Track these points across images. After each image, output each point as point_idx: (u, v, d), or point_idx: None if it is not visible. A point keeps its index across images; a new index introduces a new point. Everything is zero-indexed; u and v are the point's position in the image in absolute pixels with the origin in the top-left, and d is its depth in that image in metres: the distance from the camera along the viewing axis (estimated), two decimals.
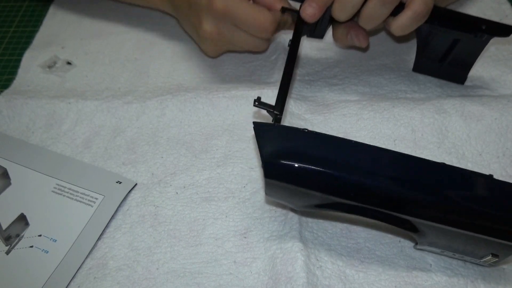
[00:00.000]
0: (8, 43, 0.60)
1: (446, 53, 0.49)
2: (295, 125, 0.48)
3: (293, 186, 0.35)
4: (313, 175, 0.34)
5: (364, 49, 0.54)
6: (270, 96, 0.51)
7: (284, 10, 0.47)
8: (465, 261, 0.39)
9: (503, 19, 0.58)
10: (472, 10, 0.59)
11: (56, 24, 0.62)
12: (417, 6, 0.41)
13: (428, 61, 0.51)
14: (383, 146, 0.46)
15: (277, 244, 0.40)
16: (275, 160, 0.34)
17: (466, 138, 0.46)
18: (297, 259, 0.38)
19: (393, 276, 0.38)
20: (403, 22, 0.43)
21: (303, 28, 0.45)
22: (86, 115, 0.50)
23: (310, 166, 0.34)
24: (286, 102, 0.49)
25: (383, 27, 0.48)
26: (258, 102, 0.36)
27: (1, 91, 0.53)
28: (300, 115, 0.49)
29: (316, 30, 0.49)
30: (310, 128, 0.48)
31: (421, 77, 0.53)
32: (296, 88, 0.52)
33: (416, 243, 0.39)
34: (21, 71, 0.56)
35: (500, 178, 0.43)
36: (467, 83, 0.51)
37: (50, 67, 0.56)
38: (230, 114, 0.50)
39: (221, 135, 0.48)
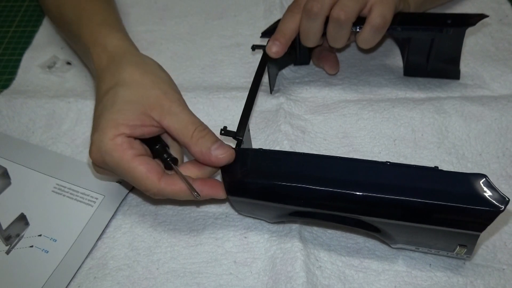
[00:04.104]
0: (8, 43, 0.60)
1: (428, 53, 0.50)
2: (295, 126, 0.48)
3: (252, 200, 0.38)
4: (266, 187, 0.37)
5: (333, 74, 0.54)
6: (269, 98, 0.51)
7: (254, 47, 0.50)
8: (441, 255, 0.39)
9: (503, 19, 0.58)
10: (472, 10, 0.59)
11: None
12: (374, 20, 0.44)
13: (415, 64, 0.51)
14: (383, 146, 0.46)
15: (277, 244, 0.40)
16: (233, 179, 0.38)
17: (466, 138, 0.46)
18: (297, 259, 0.38)
19: (392, 276, 0.38)
20: (365, 36, 0.45)
21: (273, 62, 0.48)
22: (86, 114, 0.50)
23: (262, 180, 0.37)
24: (286, 103, 0.50)
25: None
26: (224, 131, 0.40)
27: (1, 91, 0.53)
28: (300, 115, 0.49)
29: (298, 59, 0.54)
30: (310, 128, 0.48)
31: (420, 77, 0.53)
32: (296, 89, 0.52)
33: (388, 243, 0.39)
34: (21, 71, 0.56)
35: (500, 178, 0.44)
36: (468, 82, 0.51)
37: (49, 67, 0.56)
38: (230, 115, 0.50)
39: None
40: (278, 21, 0.48)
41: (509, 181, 0.44)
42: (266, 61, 0.47)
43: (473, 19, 0.46)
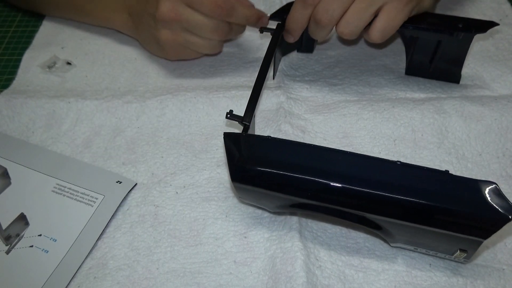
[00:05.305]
0: (8, 43, 0.60)
1: (433, 55, 0.50)
2: (295, 125, 0.48)
3: (256, 188, 0.37)
4: (272, 177, 0.36)
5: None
6: (269, 97, 0.51)
7: (262, 30, 0.50)
8: (439, 257, 0.39)
9: (503, 19, 0.58)
10: (472, 10, 0.59)
11: (55, 24, 0.62)
12: (372, 34, 0.44)
13: (418, 64, 0.51)
14: (383, 146, 0.46)
15: (277, 244, 0.40)
16: (239, 165, 0.37)
17: (466, 138, 0.46)
18: (297, 259, 0.38)
19: (392, 276, 0.38)
20: (369, 41, 0.46)
21: (278, 46, 0.48)
22: (86, 115, 0.50)
23: (268, 169, 0.36)
24: (286, 102, 0.50)
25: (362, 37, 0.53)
26: (230, 115, 0.40)
27: (1, 91, 0.53)
28: (300, 115, 0.49)
29: (303, 46, 0.54)
30: (310, 128, 0.48)
31: (421, 77, 0.53)
32: (296, 88, 0.52)
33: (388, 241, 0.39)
34: (21, 71, 0.56)
35: (500, 179, 0.44)
36: (468, 82, 0.51)
37: (50, 67, 0.56)
38: None
39: (221, 135, 0.48)
40: (289, 4, 0.48)
41: (509, 181, 0.44)
42: (275, 45, 0.47)
43: (484, 26, 0.46)
